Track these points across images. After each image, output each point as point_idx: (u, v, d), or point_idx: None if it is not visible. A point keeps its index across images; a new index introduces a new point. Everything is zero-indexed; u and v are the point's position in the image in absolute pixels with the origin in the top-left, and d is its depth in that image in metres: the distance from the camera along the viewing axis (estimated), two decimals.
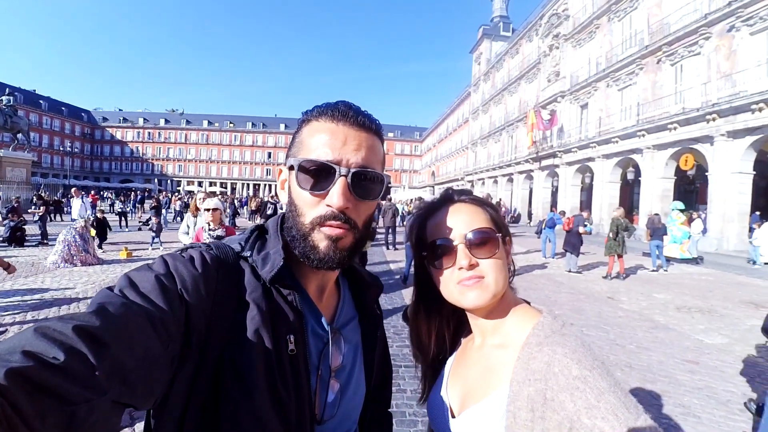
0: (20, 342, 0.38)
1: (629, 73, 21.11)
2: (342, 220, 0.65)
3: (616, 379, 0.60)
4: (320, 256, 0.66)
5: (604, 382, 0.58)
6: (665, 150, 18.59)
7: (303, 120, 0.71)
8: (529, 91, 32.89)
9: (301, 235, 0.67)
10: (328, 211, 0.65)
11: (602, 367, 0.62)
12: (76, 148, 71.17)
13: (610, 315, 6.78)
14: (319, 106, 0.70)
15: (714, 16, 15.97)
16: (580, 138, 24.96)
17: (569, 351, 0.64)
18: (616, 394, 0.57)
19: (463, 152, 51.18)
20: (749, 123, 14.30)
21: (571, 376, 0.60)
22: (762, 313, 7.11)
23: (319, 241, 0.66)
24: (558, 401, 0.60)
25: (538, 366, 0.65)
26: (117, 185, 63.32)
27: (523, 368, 0.67)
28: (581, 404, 0.57)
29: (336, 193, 0.64)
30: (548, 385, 0.62)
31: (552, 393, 0.61)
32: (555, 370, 0.62)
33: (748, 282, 9.94)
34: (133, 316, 0.48)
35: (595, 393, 0.57)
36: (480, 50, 46.98)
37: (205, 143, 79.32)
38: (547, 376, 0.63)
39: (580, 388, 0.58)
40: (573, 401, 0.58)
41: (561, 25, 27.28)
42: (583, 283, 9.49)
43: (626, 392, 0.58)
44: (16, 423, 0.32)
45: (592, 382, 0.59)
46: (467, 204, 0.82)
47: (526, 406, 0.64)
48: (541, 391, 0.62)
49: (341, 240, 0.66)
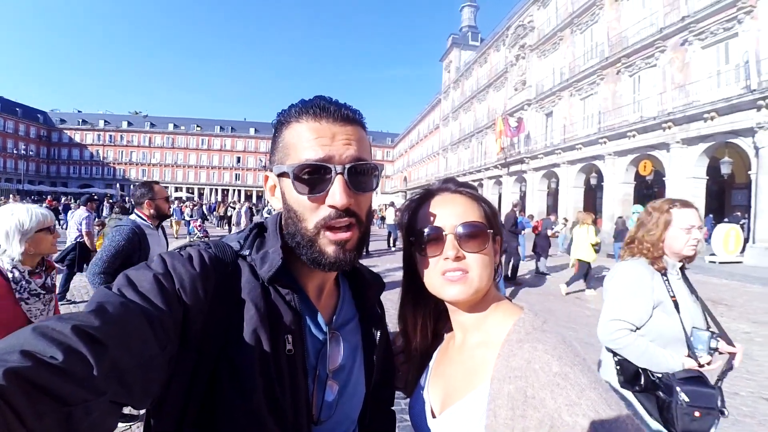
0: (18, 341, 0.38)
1: (591, 83, 22.00)
2: (347, 216, 0.65)
3: (597, 375, 0.59)
4: (331, 261, 0.65)
5: (584, 378, 0.58)
6: (625, 156, 19.43)
7: (281, 122, 0.69)
8: (497, 99, 33.71)
9: (307, 240, 0.66)
10: (331, 211, 0.64)
11: (583, 363, 0.61)
12: (31, 151, 67.35)
13: (579, 314, 6.99)
14: (295, 105, 0.68)
15: (669, 31, 16.89)
16: (546, 145, 25.76)
17: (550, 347, 0.63)
18: (597, 390, 0.56)
19: (435, 158, 51.82)
20: (702, 131, 15.16)
21: (551, 373, 0.59)
22: (719, 309, 7.50)
23: (326, 245, 0.65)
24: (539, 398, 0.58)
25: (518, 363, 0.64)
26: (75, 190, 60.16)
27: (504, 365, 0.66)
28: (562, 401, 0.56)
29: (337, 192, 0.63)
30: (529, 383, 0.61)
31: (533, 390, 0.60)
32: (535, 367, 0.61)
33: (704, 280, 10.47)
34: (132, 315, 0.48)
35: (576, 390, 0.56)
36: (450, 58, 47.89)
37: (170, 147, 76.81)
38: (528, 373, 0.62)
39: (560, 385, 0.57)
40: (554, 398, 0.57)
41: (527, 36, 28.18)
42: (552, 284, 9.73)
43: (607, 388, 0.58)
44: (13, 423, 0.32)
45: (573, 378, 0.58)
46: (464, 196, 0.80)
47: (506, 404, 0.62)
48: (521, 389, 0.61)
49: (348, 242, 0.66)
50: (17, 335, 0.39)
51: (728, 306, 7.82)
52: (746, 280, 10.66)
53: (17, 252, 1.89)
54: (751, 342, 5.66)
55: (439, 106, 51.26)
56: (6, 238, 1.89)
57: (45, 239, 2.01)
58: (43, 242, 2.00)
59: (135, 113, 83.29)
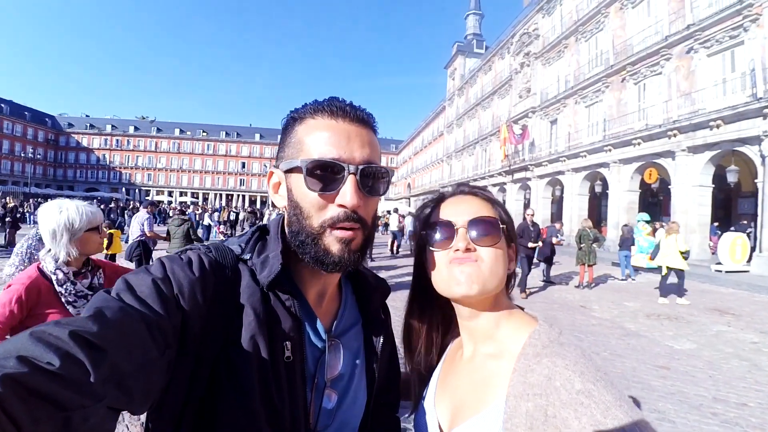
0: (15, 347, 0.37)
1: (596, 91, 21.97)
2: (354, 220, 0.63)
3: (621, 391, 0.56)
4: (335, 260, 0.64)
5: (609, 395, 0.54)
6: (630, 164, 19.33)
7: (294, 118, 0.68)
8: (502, 107, 33.72)
9: (312, 239, 0.64)
10: (340, 211, 0.63)
11: (606, 378, 0.58)
12: (39, 154, 67.94)
13: (584, 323, 6.91)
14: (311, 103, 0.68)
15: (674, 39, 16.87)
16: (550, 152, 25.69)
17: (570, 363, 0.60)
18: (623, 408, 0.53)
19: (439, 165, 51.80)
20: (708, 139, 15.06)
21: (574, 391, 0.56)
22: (725, 319, 7.42)
23: (331, 244, 0.64)
24: (560, 418, 0.55)
25: (537, 379, 0.61)
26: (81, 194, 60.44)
27: (521, 381, 0.62)
28: (586, 421, 0.52)
29: (348, 192, 0.62)
30: (549, 401, 0.57)
31: (554, 409, 0.56)
32: (556, 384, 0.58)
33: (711, 289, 10.37)
34: (131, 320, 0.48)
35: (601, 408, 0.53)
36: (454, 66, 48.05)
37: (176, 152, 77.31)
38: (548, 390, 0.58)
39: (584, 404, 0.54)
40: (578, 418, 0.53)
41: (531, 44, 28.24)
42: (557, 292, 9.66)
43: (632, 404, 0.54)
44: (9, 428, 0.32)
45: (597, 396, 0.54)
46: (478, 197, 0.79)
47: (524, 423, 0.59)
48: (541, 407, 0.58)
49: (353, 241, 0.65)
50: (14, 340, 0.38)
51: (735, 316, 7.72)
52: (753, 290, 10.52)
53: (64, 253, 1.72)
54: (759, 353, 5.57)
55: (443, 113, 51.35)
56: (53, 238, 1.71)
57: (93, 239, 1.84)
58: (90, 242, 1.83)
59: (142, 118, 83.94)
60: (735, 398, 4.06)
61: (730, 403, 3.94)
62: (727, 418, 3.63)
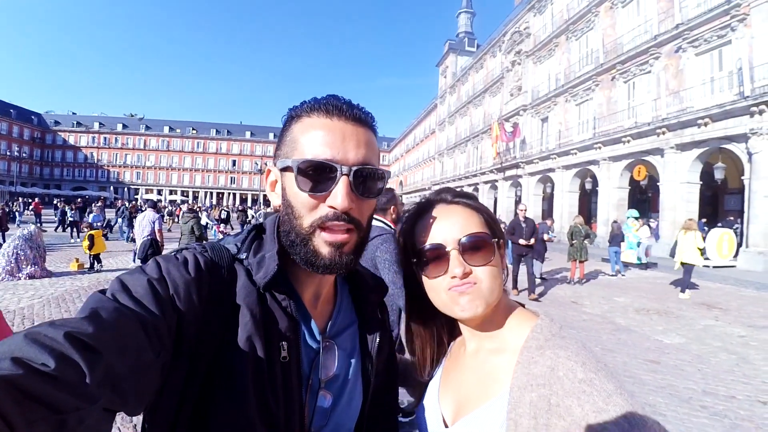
0: (10, 348, 0.37)
1: (586, 89, 22.16)
2: (345, 221, 0.62)
3: (620, 381, 0.58)
4: (325, 262, 0.63)
5: (610, 384, 0.56)
6: (620, 161, 19.56)
7: (291, 116, 0.67)
8: (493, 104, 33.88)
9: (301, 239, 0.64)
10: (329, 212, 0.62)
11: (606, 369, 0.60)
12: (25, 152, 66.78)
13: (575, 319, 6.98)
14: (308, 101, 0.67)
15: (663, 38, 17.08)
16: (541, 150, 25.89)
17: (572, 354, 0.62)
18: (624, 396, 0.55)
19: (430, 162, 51.94)
20: (696, 137, 15.30)
21: (576, 380, 0.58)
22: (713, 313, 7.54)
23: (321, 246, 0.63)
24: (564, 406, 0.57)
25: (540, 370, 0.62)
26: (69, 192, 59.61)
27: (524, 373, 0.64)
28: (589, 408, 0.54)
29: (339, 194, 0.61)
30: (553, 390, 0.59)
31: (557, 398, 0.58)
32: (559, 374, 0.59)
33: (699, 284, 10.51)
34: (126, 322, 0.47)
35: (602, 396, 0.55)
36: (446, 64, 48.13)
37: (165, 150, 76.57)
38: (551, 380, 0.60)
39: (587, 392, 0.56)
40: (581, 405, 0.55)
41: (523, 43, 28.39)
42: (548, 288, 9.74)
43: (631, 393, 0.56)
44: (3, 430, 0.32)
45: (599, 384, 0.56)
46: (461, 206, 0.77)
47: (528, 413, 0.60)
48: (545, 397, 0.59)
49: (346, 244, 0.63)
50: (8, 342, 0.38)
51: (723, 310, 7.85)
52: (740, 284, 10.73)
53: None
54: (746, 346, 5.67)
55: (435, 111, 51.46)
56: None
57: None
58: None
59: (130, 115, 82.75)
60: (724, 391, 4.14)
61: (718, 396, 4.01)
62: (716, 411, 3.69)
